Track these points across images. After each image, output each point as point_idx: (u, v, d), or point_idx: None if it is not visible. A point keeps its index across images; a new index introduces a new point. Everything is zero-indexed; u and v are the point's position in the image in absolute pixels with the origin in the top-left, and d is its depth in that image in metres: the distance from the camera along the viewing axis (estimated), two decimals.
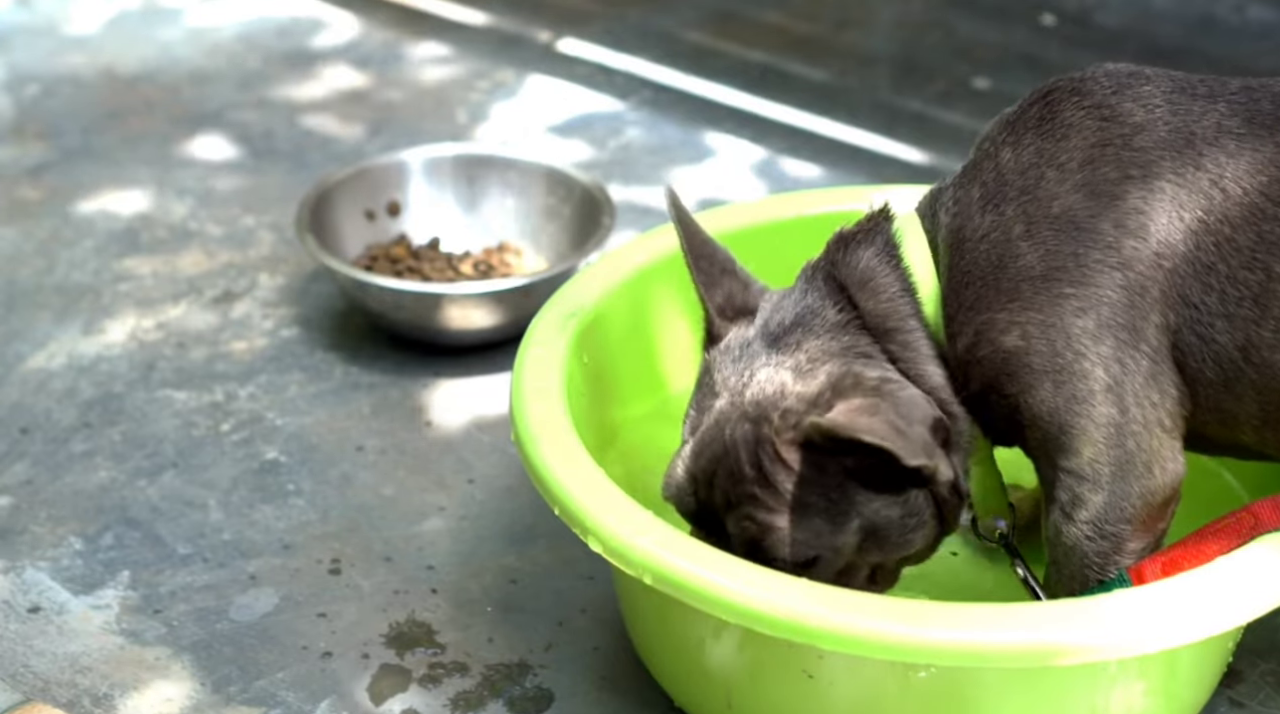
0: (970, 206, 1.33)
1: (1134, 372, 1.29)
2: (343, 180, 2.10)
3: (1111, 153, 1.30)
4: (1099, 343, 1.28)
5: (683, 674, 1.44)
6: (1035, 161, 1.32)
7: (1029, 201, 1.31)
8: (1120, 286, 1.28)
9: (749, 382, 1.34)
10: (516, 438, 1.42)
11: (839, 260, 1.37)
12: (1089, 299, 1.28)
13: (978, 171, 1.35)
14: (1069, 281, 1.29)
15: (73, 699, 1.50)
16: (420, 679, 1.52)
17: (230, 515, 1.73)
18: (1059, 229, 1.29)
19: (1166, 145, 1.30)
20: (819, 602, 1.25)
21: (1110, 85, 1.34)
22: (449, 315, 1.92)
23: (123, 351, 2.00)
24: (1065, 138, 1.32)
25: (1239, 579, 1.26)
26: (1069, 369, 1.29)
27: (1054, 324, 1.29)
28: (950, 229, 1.34)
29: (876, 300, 1.35)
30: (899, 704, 1.32)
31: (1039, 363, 1.29)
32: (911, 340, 1.34)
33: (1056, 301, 1.29)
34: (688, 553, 1.29)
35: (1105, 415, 1.29)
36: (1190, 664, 1.37)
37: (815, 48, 2.73)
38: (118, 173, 2.38)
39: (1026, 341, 1.30)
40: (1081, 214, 1.29)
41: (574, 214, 2.08)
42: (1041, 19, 2.79)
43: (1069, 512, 1.32)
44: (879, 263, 1.36)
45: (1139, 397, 1.29)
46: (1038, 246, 1.30)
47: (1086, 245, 1.29)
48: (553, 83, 2.63)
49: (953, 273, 1.33)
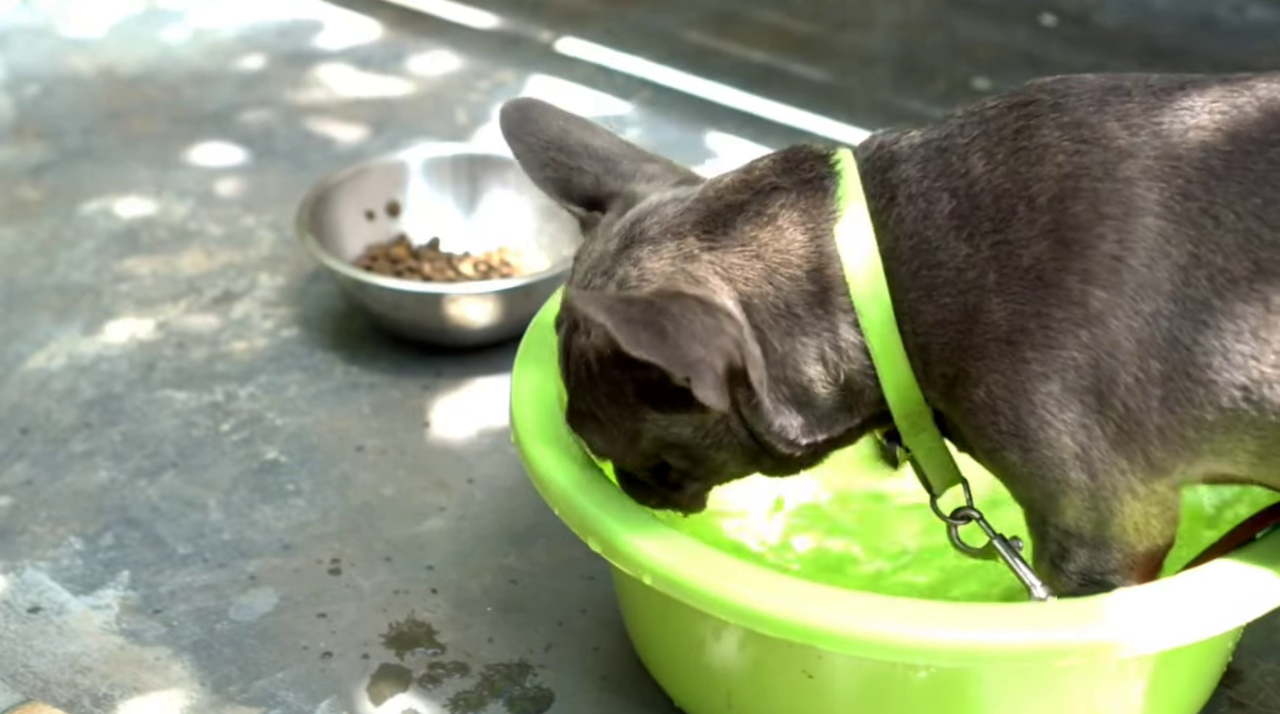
0: (939, 220, 1.25)
1: (1099, 438, 1.22)
2: (343, 180, 2.10)
3: (1087, 186, 1.21)
4: (1064, 410, 1.22)
5: (683, 674, 1.44)
6: (1008, 188, 1.23)
7: (1001, 245, 1.23)
8: (1085, 346, 1.20)
9: (588, 285, 1.32)
10: (516, 438, 1.42)
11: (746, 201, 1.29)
12: (1052, 363, 1.21)
13: (945, 167, 1.26)
14: (1031, 345, 1.22)
15: (73, 699, 1.50)
16: (420, 679, 1.52)
17: (230, 515, 1.73)
18: (1027, 285, 1.22)
19: (1153, 175, 1.21)
20: (819, 602, 1.25)
21: (1089, 101, 1.25)
22: (449, 315, 1.92)
23: (123, 352, 2.00)
24: (1040, 162, 1.23)
25: (1239, 579, 1.26)
26: (1034, 437, 1.23)
27: (1016, 390, 1.23)
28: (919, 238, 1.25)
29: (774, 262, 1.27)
30: (899, 704, 1.32)
31: (1005, 426, 1.24)
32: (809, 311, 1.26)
33: (1019, 365, 1.22)
34: (688, 553, 1.29)
35: (1078, 480, 1.24)
36: (1190, 664, 1.37)
37: (815, 48, 2.73)
38: (118, 173, 2.38)
39: (992, 401, 1.24)
40: (1049, 267, 1.21)
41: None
42: (1041, 19, 2.79)
43: (1058, 563, 1.30)
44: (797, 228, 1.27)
45: (1106, 464, 1.23)
46: (1006, 302, 1.22)
47: (1051, 304, 1.21)
48: (553, 83, 2.63)
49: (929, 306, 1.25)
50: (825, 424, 1.31)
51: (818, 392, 1.28)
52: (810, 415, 1.30)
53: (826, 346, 1.27)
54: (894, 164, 1.28)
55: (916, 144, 1.28)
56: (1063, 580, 1.30)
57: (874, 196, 1.27)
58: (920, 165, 1.27)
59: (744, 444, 1.31)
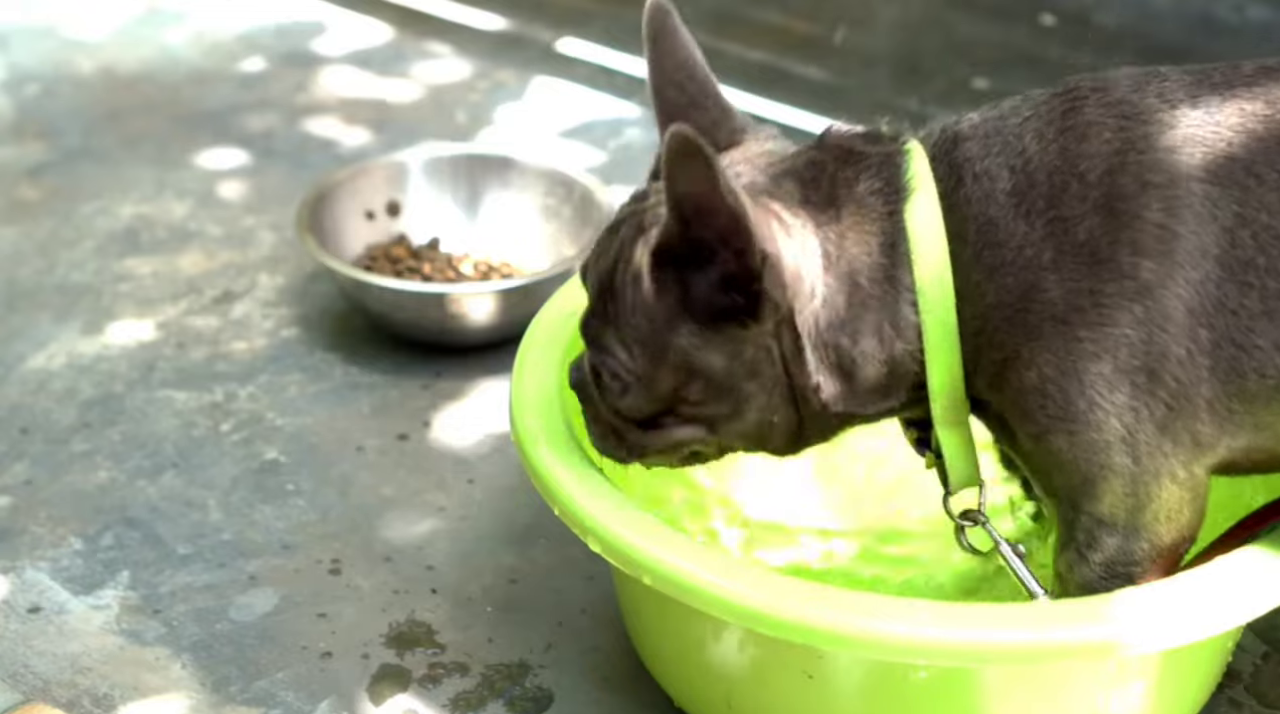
0: (1001, 199, 1.26)
1: (1147, 420, 1.23)
2: (343, 180, 2.10)
3: (1133, 159, 1.24)
4: (1114, 391, 1.23)
5: (683, 674, 1.44)
6: (1059, 165, 1.25)
7: (1056, 222, 1.24)
8: (1139, 322, 1.22)
9: (659, 201, 1.29)
10: (516, 438, 1.42)
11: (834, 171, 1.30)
12: (1105, 341, 1.22)
13: (1004, 145, 1.27)
14: (1084, 323, 1.23)
15: (73, 699, 1.50)
16: (420, 679, 1.52)
17: (230, 515, 1.73)
18: (1081, 261, 1.23)
19: (1194, 141, 1.23)
20: (819, 602, 1.25)
21: (1130, 83, 1.28)
22: (449, 315, 1.92)
23: (123, 352, 2.00)
24: (1085, 139, 1.25)
25: (1239, 579, 1.26)
26: (1084, 419, 1.24)
27: (1068, 371, 1.24)
28: (982, 217, 1.26)
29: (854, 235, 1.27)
30: (899, 704, 1.32)
31: (1053, 410, 1.25)
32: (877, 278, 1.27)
33: (1072, 345, 1.23)
34: (688, 553, 1.29)
35: (1121, 465, 1.25)
36: (1190, 664, 1.37)
37: (815, 48, 2.73)
38: (118, 173, 2.38)
39: (1042, 383, 1.25)
40: (1102, 242, 1.23)
41: (573, 214, 2.08)
42: (1041, 19, 2.79)
43: (1084, 553, 1.30)
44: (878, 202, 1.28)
45: (1151, 447, 1.24)
46: (1063, 281, 1.23)
47: (1104, 279, 1.22)
48: (553, 83, 2.63)
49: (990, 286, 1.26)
50: (860, 400, 1.30)
51: (865, 366, 1.28)
52: (849, 387, 1.29)
53: (886, 323, 1.27)
54: (958, 143, 1.29)
55: (977, 124, 1.30)
56: (1085, 571, 1.30)
57: (942, 178, 1.29)
58: (982, 143, 1.28)
59: (777, 386, 1.29)
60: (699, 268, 1.24)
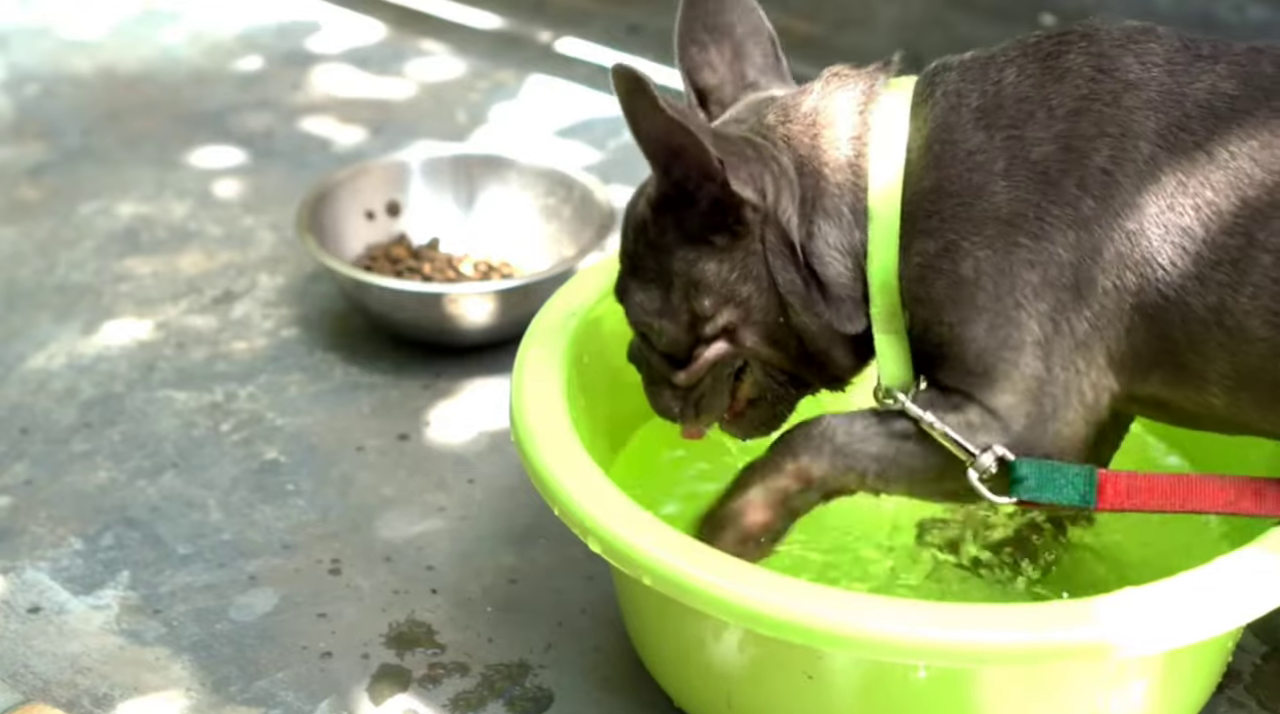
0: (964, 112, 1.34)
1: (1066, 335, 1.30)
2: (343, 180, 2.10)
3: (1096, 108, 1.31)
4: (1039, 299, 1.30)
5: (683, 674, 1.44)
6: (1030, 94, 1.33)
7: (1015, 138, 1.32)
8: (1072, 246, 1.29)
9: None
10: (516, 438, 1.42)
11: (819, 90, 1.40)
12: (1040, 254, 1.30)
13: (983, 73, 1.36)
14: (1026, 232, 1.30)
15: (73, 699, 1.50)
16: (420, 679, 1.52)
17: (230, 515, 1.73)
18: (1032, 177, 1.31)
19: (1154, 106, 1.30)
20: (819, 602, 1.25)
21: (1118, 38, 1.35)
22: (449, 315, 1.92)
23: (123, 352, 2.00)
24: (1061, 80, 1.33)
25: (1239, 579, 1.26)
26: (1006, 314, 1.30)
27: (1004, 270, 1.30)
28: (941, 121, 1.35)
29: (818, 141, 1.37)
30: (899, 704, 1.32)
31: (982, 300, 1.31)
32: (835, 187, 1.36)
33: (1011, 248, 1.30)
34: (688, 553, 1.29)
35: (1029, 366, 1.31)
36: (1190, 664, 1.37)
37: (815, 48, 2.73)
38: (118, 173, 2.39)
39: (977, 276, 1.31)
40: (1054, 167, 1.30)
41: (573, 214, 2.08)
42: (1041, 19, 2.79)
43: (964, 429, 1.31)
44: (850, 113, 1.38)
45: (1065, 360, 1.30)
46: (1011, 188, 1.31)
47: (1050, 199, 1.30)
48: (552, 83, 2.63)
49: (936, 173, 1.34)
50: (836, 308, 1.37)
51: (830, 261, 1.36)
52: (823, 293, 1.37)
53: (845, 208, 1.36)
54: (942, 71, 1.39)
55: (966, 59, 1.39)
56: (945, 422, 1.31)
57: (919, 93, 1.38)
58: (961, 72, 1.38)
59: (770, 292, 1.37)
60: (691, 205, 1.35)
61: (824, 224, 1.36)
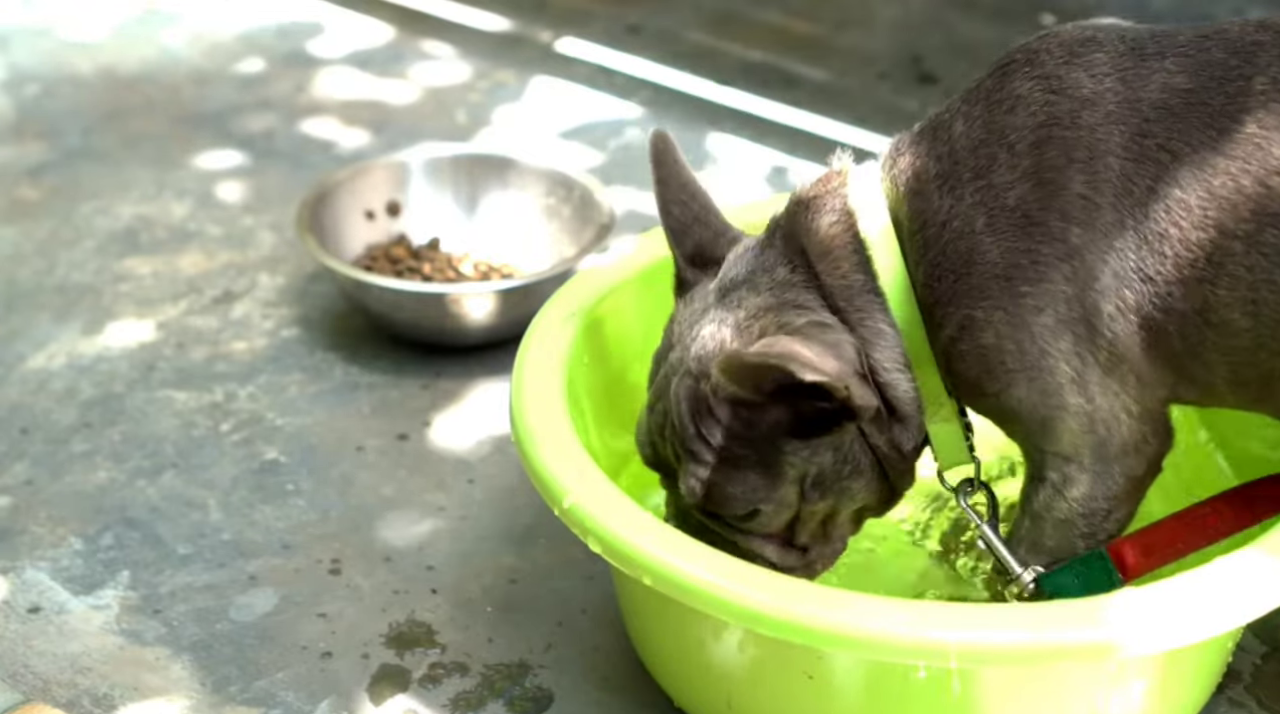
0: (928, 183, 1.33)
1: (1092, 365, 1.30)
2: (343, 180, 2.10)
3: (1058, 134, 1.30)
4: (1058, 339, 1.30)
5: (683, 674, 1.44)
6: (985, 138, 1.32)
7: (985, 189, 1.31)
8: (1069, 279, 1.29)
9: (696, 336, 1.36)
10: (516, 438, 1.42)
11: (800, 223, 1.37)
12: (1044, 296, 1.30)
13: (933, 141, 1.35)
14: (1024, 279, 1.30)
15: (73, 699, 1.50)
16: (420, 679, 1.52)
17: (230, 515, 1.73)
18: (1015, 223, 1.30)
19: (1114, 119, 1.29)
20: (819, 602, 1.25)
21: (1061, 54, 1.33)
22: (449, 315, 1.92)
23: (123, 352, 2.00)
24: (1013, 111, 1.32)
25: (1239, 579, 1.26)
26: (1038, 365, 1.31)
27: (1018, 323, 1.30)
28: (913, 208, 1.34)
29: (833, 273, 1.35)
30: (899, 705, 1.32)
31: (1012, 362, 1.31)
32: (863, 305, 1.34)
33: (1018, 300, 1.30)
34: (688, 553, 1.29)
35: (1076, 405, 1.32)
36: (1190, 664, 1.37)
37: (815, 48, 2.73)
38: (118, 173, 2.38)
39: (999, 341, 1.31)
40: (1033, 206, 1.30)
41: (573, 214, 2.08)
42: (1041, 19, 2.79)
43: (1060, 489, 1.36)
44: (838, 231, 1.36)
45: (1102, 387, 1.31)
46: (999, 242, 1.30)
47: (1038, 240, 1.29)
48: (553, 83, 2.63)
49: (928, 260, 1.33)
50: (911, 427, 1.36)
51: (898, 383, 1.35)
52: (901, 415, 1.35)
53: (889, 334, 1.35)
54: (896, 155, 1.37)
55: (915, 130, 1.38)
56: (1063, 506, 1.35)
57: (887, 191, 1.36)
58: (914, 147, 1.36)
59: (871, 465, 1.36)
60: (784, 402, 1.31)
61: (879, 351, 1.34)
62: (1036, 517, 1.38)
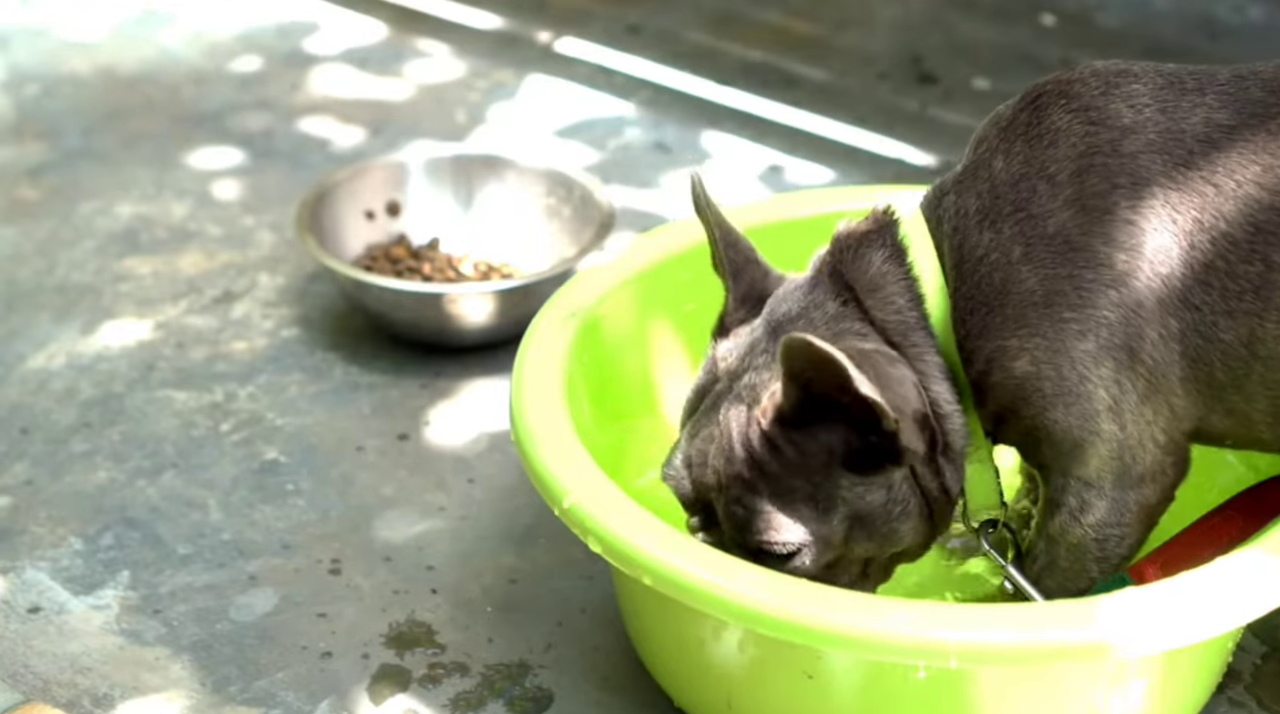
0: (968, 220, 1.34)
1: (1130, 391, 1.31)
2: (342, 180, 2.10)
3: (1100, 162, 1.30)
4: (1099, 365, 1.30)
5: (683, 674, 1.44)
6: (1025, 172, 1.32)
7: (1024, 219, 1.31)
8: (1115, 305, 1.29)
9: (747, 366, 1.35)
10: (516, 438, 1.42)
11: (848, 260, 1.37)
12: (1087, 322, 1.30)
13: (974, 179, 1.35)
14: (1067, 305, 1.30)
15: (73, 699, 1.50)
16: (420, 679, 1.52)
17: (230, 515, 1.73)
18: (1055, 250, 1.30)
19: (1156, 148, 1.30)
20: (819, 602, 1.25)
21: (1098, 86, 1.34)
22: (449, 315, 1.92)
23: (123, 352, 2.00)
24: (1054, 144, 1.32)
25: (1239, 579, 1.26)
26: (1075, 391, 1.31)
27: (1059, 349, 1.30)
28: (953, 244, 1.35)
29: (885, 308, 1.35)
30: (899, 704, 1.32)
31: (1050, 388, 1.31)
32: (918, 341, 1.34)
33: (1059, 326, 1.30)
34: (688, 553, 1.29)
35: (1109, 431, 1.32)
36: (1190, 664, 1.37)
37: (815, 48, 2.73)
38: (118, 173, 2.38)
39: (1036, 367, 1.31)
40: (1074, 232, 1.30)
41: (573, 214, 2.08)
42: (1041, 19, 2.79)
43: (1077, 515, 1.36)
44: (889, 268, 1.36)
45: (1135, 415, 1.32)
46: (1037, 270, 1.30)
47: (1080, 266, 1.29)
48: (552, 83, 2.63)
49: (959, 295, 1.33)
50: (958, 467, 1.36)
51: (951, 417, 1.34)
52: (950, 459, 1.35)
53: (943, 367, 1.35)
54: (939, 197, 1.38)
55: (957, 173, 1.38)
56: (1078, 532, 1.36)
57: (932, 232, 1.37)
58: (957, 189, 1.36)
59: (919, 508, 1.35)
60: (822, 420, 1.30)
61: (936, 386, 1.34)
62: (1052, 541, 1.38)
